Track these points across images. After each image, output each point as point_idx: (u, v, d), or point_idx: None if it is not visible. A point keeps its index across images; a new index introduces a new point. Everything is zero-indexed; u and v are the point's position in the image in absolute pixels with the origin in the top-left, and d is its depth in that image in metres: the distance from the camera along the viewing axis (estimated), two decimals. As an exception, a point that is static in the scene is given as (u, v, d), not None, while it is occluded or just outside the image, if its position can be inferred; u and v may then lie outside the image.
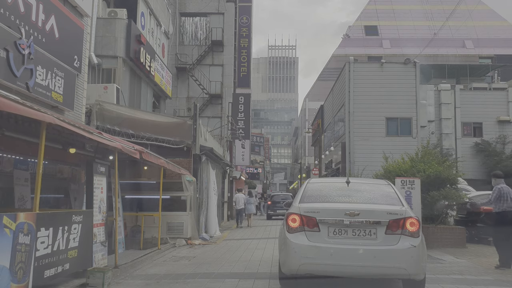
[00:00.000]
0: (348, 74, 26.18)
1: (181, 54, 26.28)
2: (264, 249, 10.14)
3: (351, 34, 59.52)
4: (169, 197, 12.10)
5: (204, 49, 26.37)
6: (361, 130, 25.43)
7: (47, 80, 9.65)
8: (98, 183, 6.39)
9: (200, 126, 13.04)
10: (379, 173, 13.93)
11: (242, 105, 23.02)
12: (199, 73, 25.95)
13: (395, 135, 25.59)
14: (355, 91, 25.97)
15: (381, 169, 14.65)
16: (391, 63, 27.05)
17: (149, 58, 17.58)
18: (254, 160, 57.06)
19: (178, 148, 12.74)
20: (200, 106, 26.09)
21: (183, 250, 10.05)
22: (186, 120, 13.14)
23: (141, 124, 13.01)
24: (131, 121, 13.10)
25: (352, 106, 25.87)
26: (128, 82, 16.86)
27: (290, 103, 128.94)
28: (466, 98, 30.10)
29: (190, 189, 11.75)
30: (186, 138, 12.77)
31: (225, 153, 20.35)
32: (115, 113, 13.22)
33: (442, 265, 7.80)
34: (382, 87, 25.72)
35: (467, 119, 29.71)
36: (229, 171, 22.30)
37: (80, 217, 5.47)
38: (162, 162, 9.47)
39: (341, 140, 27.21)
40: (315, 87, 67.56)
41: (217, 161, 16.57)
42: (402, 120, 25.92)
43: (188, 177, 11.72)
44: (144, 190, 11.98)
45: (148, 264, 7.75)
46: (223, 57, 26.47)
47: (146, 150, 8.45)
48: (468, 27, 56.36)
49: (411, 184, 10.90)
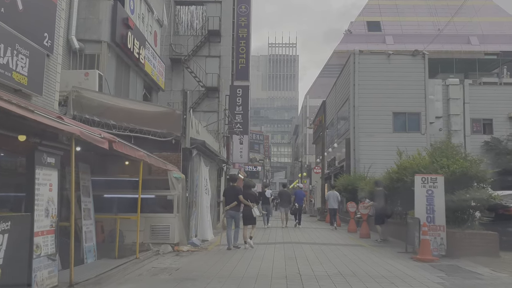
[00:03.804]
0: (353, 66, 24.68)
1: (176, 44, 24.75)
2: (263, 259, 8.65)
3: (353, 30, 58.18)
4: (154, 196, 10.62)
5: (200, 40, 24.85)
6: (366, 126, 23.94)
7: (5, 57, 8.15)
8: (45, 178, 4.90)
9: (191, 116, 11.54)
10: (392, 170, 12.43)
11: (240, 98, 21.51)
12: (194, 65, 24.43)
13: (403, 131, 24.12)
14: (360, 84, 24.48)
15: (393, 166, 13.18)
16: (399, 55, 25.56)
17: (138, 44, 16.06)
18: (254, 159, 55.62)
19: (165, 141, 11.24)
20: (196, 100, 24.60)
21: (167, 259, 8.55)
22: (175, 110, 11.64)
23: (124, 114, 11.50)
24: (114, 111, 11.60)
25: (357, 100, 24.37)
26: (114, 69, 15.36)
27: (290, 102, 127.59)
28: (476, 93, 28.71)
29: (178, 188, 10.25)
30: (175, 130, 11.26)
31: (221, 149, 18.86)
32: (96, 101, 11.72)
33: (482, 281, 6.33)
34: (388, 80, 24.27)
35: (476, 115, 28.29)
36: (226, 169, 20.80)
37: (6, 224, 3.98)
38: (142, 154, 7.97)
39: (345, 136, 25.69)
40: (316, 84, 66.09)
41: (211, 157, 15.07)
42: (410, 115, 24.45)
43: (175, 174, 10.22)
44: (127, 189, 10.47)
45: (118, 280, 6.25)
46: (220, 48, 24.94)
47: (119, 139, 6.95)
48: (473, 23, 55.07)
49: (433, 182, 9.43)
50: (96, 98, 11.84)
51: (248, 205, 10.76)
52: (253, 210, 10.77)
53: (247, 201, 10.74)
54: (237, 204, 10.72)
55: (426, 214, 9.29)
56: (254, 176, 51.45)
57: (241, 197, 10.73)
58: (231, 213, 10.80)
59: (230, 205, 10.72)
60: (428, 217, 9.27)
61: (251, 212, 10.74)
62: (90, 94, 11.66)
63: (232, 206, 10.70)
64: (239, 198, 10.67)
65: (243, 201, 10.74)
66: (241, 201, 10.72)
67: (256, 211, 10.94)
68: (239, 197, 10.68)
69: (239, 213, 11.01)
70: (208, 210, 13.33)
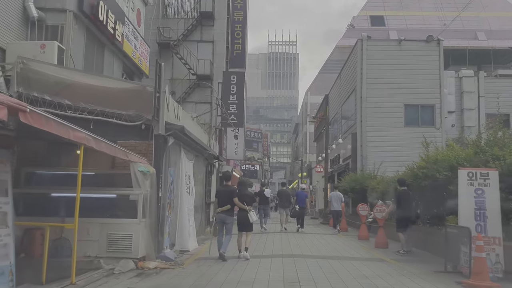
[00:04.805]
0: (360, 54, 22.31)
1: (165, 28, 22.32)
2: (253, 284, 6.23)
3: (356, 24, 56.22)
4: (116, 196, 8.19)
5: (191, 23, 22.41)
6: (375, 119, 21.60)
7: None
8: None
9: (166, 95, 9.11)
10: (418, 164, 10.02)
11: (235, 85, 19.05)
12: (185, 50, 22.00)
13: (415, 125, 21.78)
14: (368, 73, 22.13)
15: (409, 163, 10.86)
16: (411, 41, 23.18)
17: (113, 18, 13.65)
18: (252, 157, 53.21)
19: (133, 126, 8.84)
20: (186, 90, 22.17)
21: (119, 284, 6.12)
22: (146, 86, 9.20)
23: (83, 92, 9.11)
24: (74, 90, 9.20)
25: (365, 91, 22.01)
26: (84, 45, 12.97)
27: (290, 101, 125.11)
28: (491, 87, 26.35)
29: (145, 185, 7.83)
30: (146, 112, 8.86)
31: (212, 142, 16.42)
32: (52, 77, 9.32)
33: None
34: (400, 68, 22.02)
35: (492, 110, 25.89)
36: (218, 166, 18.37)
37: None
38: (80, 136, 5.57)
39: (351, 131, 23.28)
40: (317, 80, 63.74)
41: (198, 150, 12.65)
42: (424, 108, 22.12)
43: (142, 167, 7.81)
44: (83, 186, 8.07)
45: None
46: (214, 32, 22.51)
47: (33, 108, 4.55)
48: (480, 18, 53.29)
49: (484, 179, 7.03)
50: (52, 73, 9.42)
51: (244, 208, 8.92)
52: (249, 214, 8.92)
53: (243, 204, 8.90)
54: (230, 207, 8.92)
55: (475, 222, 6.88)
56: (252, 175, 49.14)
57: (236, 200, 8.87)
58: (221, 217, 8.93)
59: (222, 208, 8.87)
60: (478, 226, 6.87)
61: (247, 216, 8.90)
62: (41, 67, 9.25)
63: (225, 209, 8.85)
64: (234, 201, 8.84)
65: (239, 205, 8.90)
66: (237, 204, 8.89)
67: (253, 216, 9.08)
68: (233, 200, 8.84)
69: (231, 218, 9.12)
70: (191, 213, 10.92)
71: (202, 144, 12.55)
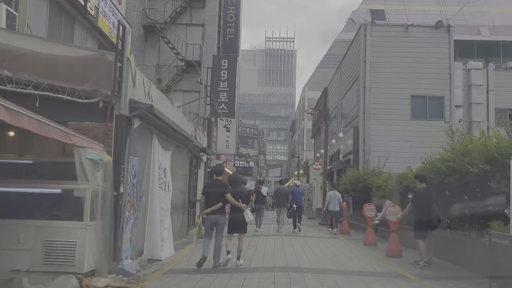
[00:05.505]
0: (364, 40, 20.55)
1: (151, 9, 20.45)
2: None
3: (356, 18, 54.47)
4: (61, 191, 6.36)
5: (180, 4, 20.54)
6: (379, 111, 19.89)
7: None
8: None
9: (131, 64, 7.26)
10: (443, 157, 8.22)
11: (226, 71, 17.17)
12: (173, 34, 20.14)
13: (423, 118, 20.12)
14: (372, 61, 20.40)
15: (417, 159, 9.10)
16: (419, 27, 21.50)
17: (83, -13, 11.82)
18: (247, 154, 51.47)
19: (88, 104, 7.00)
20: (174, 77, 20.31)
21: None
22: (105, 53, 7.34)
23: (30, 61, 7.26)
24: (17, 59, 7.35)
25: (369, 80, 20.26)
26: (46, 16, 11.15)
27: (287, 98, 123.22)
28: (501, 80, 24.83)
29: (96, 178, 6.00)
30: (105, 87, 7.01)
31: (199, 133, 14.58)
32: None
33: None
34: (406, 57, 20.34)
35: (502, 104, 24.30)
36: (206, 160, 16.53)
37: None
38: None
39: (353, 124, 21.50)
40: (315, 75, 61.95)
41: (178, 139, 10.80)
42: (432, 99, 20.42)
43: (92, 154, 5.97)
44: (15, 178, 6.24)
45: None
46: (205, 15, 20.65)
47: None
48: (483, 13, 51.90)
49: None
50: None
51: (239, 206, 7.59)
52: (245, 213, 7.70)
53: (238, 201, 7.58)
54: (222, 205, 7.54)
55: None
56: (246, 172, 47.49)
57: (229, 196, 7.49)
58: (213, 219, 7.54)
59: (212, 207, 7.47)
60: (538, 236, 5.09)
61: (242, 216, 7.64)
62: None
63: (215, 208, 7.45)
64: (226, 197, 7.47)
65: (233, 202, 7.53)
66: (230, 201, 7.52)
67: (249, 215, 7.80)
68: (226, 196, 7.47)
69: (224, 218, 7.70)
70: (166, 214, 9.09)
71: (183, 133, 10.71)
